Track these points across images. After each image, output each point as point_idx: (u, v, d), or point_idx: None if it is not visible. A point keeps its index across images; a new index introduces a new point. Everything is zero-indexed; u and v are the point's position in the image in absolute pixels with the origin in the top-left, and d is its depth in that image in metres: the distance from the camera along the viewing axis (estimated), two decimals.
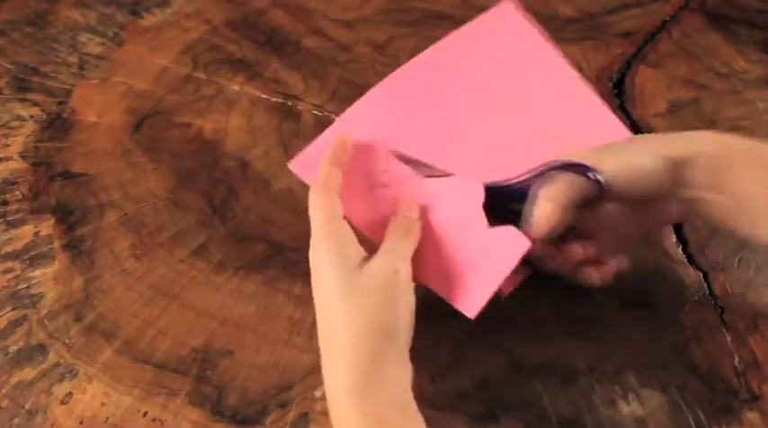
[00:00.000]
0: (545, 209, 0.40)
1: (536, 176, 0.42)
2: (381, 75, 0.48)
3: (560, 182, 0.41)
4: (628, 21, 0.76)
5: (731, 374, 0.44)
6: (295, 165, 0.47)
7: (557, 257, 0.44)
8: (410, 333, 0.39)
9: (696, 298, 0.48)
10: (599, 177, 0.40)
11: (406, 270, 0.40)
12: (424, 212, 0.44)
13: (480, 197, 0.43)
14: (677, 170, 0.40)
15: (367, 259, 0.40)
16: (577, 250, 0.44)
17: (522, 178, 0.43)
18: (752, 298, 0.48)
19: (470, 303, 0.41)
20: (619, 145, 0.43)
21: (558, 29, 0.75)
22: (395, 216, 0.43)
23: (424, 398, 0.43)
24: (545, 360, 0.45)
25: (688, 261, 0.51)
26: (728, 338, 0.46)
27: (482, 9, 0.78)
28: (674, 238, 0.52)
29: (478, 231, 0.42)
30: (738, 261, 0.50)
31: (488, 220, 0.43)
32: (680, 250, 0.51)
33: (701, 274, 0.50)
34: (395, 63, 0.47)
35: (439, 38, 0.47)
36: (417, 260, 0.41)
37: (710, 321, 0.47)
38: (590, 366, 0.45)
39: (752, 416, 0.42)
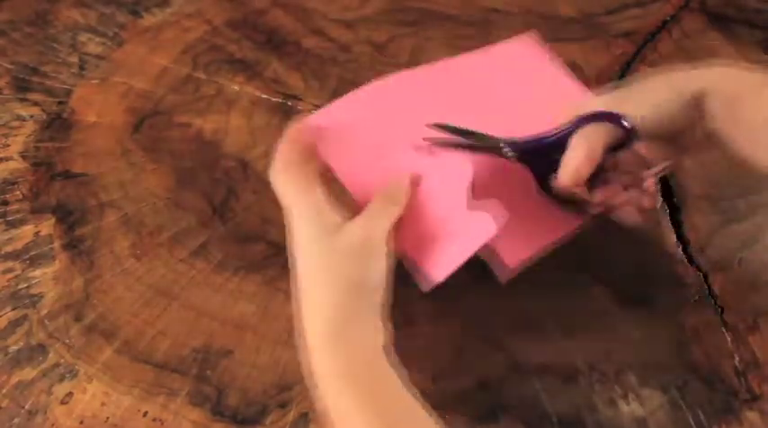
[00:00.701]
0: (573, 151, 0.43)
1: (571, 128, 0.44)
2: (381, 75, 0.48)
3: (590, 128, 0.43)
4: (628, 21, 0.76)
5: (731, 374, 0.44)
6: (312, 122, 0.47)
7: (597, 197, 0.45)
8: (385, 292, 0.40)
9: (696, 298, 0.48)
10: (629, 123, 0.42)
11: (383, 231, 0.41)
12: (414, 184, 0.45)
13: (468, 177, 0.44)
14: (697, 105, 0.42)
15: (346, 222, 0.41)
16: (617, 187, 0.45)
17: (559, 132, 0.44)
18: (752, 298, 0.48)
19: (435, 271, 0.42)
20: (637, 87, 0.45)
21: (558, 29, 0.75)
22: (386, 183, 0.44)
23: (425, 398, 0.43)
24: (545, 360, 0.45)
25: (688, 261, 0.51)
26: (728, 338, 0.46)
27: (481, 9, 0.78)
28: (674, 238, 0.52)
29: (459, 209, 0.43)
30: (738, 261, 0.50)
31: (533, 173, 0.45)
32: (680, 250, 0.51)
33: (701, 274, 0.50)
34: (395, 63, 0.47)
35: (438, 37, 0.47)
36: (399, 229, 0.42)
37: (710, 321, 0.47)
38: (590, 366, 0.45)
39: (752, 416, 0.42)
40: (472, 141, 0.46)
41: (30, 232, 0.54)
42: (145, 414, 0.42)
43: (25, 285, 0.50)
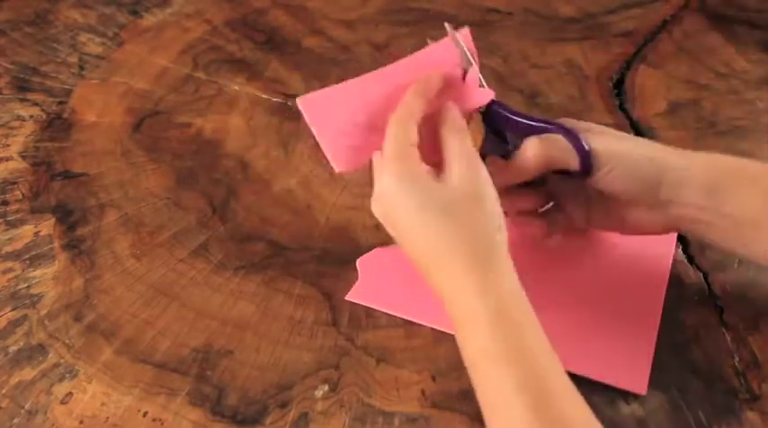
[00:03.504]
0: (530, 149, 0.43)
1: (542, 126, 0.44)
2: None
3: (552, 138, 0.43)
4: (628, 21, 0.76)
5: (731, 374, 0.44)
6: (304, 102, 0.45)
7: (512, 197, 0.46)
8: (505, 230, 0.40)
9: (696, 298, 0.48)
10: (590, 151, 0.42)
11: (486, 175, 0.40)
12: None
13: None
14: (669, 184, 0.41)
15: (438, 173, 0.40)
16: (529, 197, 0.47)
17: (529, 120, 0.44)
18: (752, 298, 0.48)
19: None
20: (620, 136, 0.45)
21: (558, 29, 0.75)
22: (443, 121, 0.42)
23: (425, 398, 0.43)
24: None
25: (688, 261, 0.51)
26: (728, 338, 0.46)
27: (481, 9, 0.78)
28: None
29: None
30: (738, 261, 0.50)
31: (486, 134, 0.46)
32: (680, 250, 0.51)
33: (701, 274, 0.50)
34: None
35: (438, 37, 0.47)
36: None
37: (710, 321, 0.47)
38: None
39: (752, 416, 0.42)
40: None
41: (30, 232, 0.54)
42: (145, 414, 0.42)
43: (25, 285, 0.50)
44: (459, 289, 0.37)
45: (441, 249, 0.38)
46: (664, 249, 0.50)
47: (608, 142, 0.43)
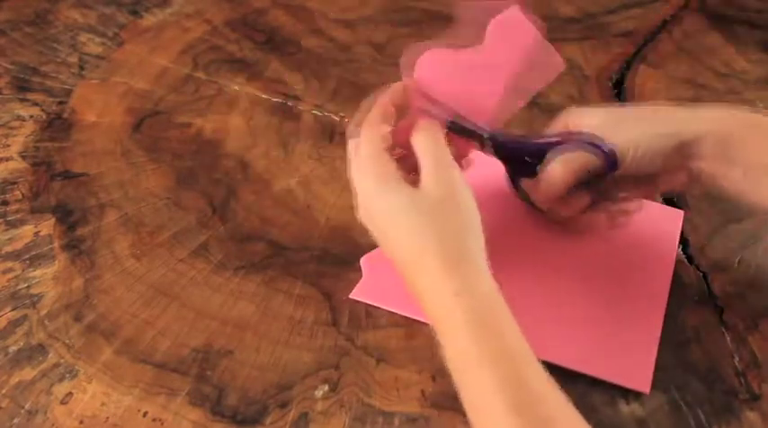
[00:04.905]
0: (555, 171, 0.45)
1: (556, 142, 0.45)
2: (381, 75, 0.48)
3: (575, 152, 0.44)
4: (628, 21, 0.76)
5: (731, 374, 0.44)
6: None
7: (565, 205, 0.48)
8: (481, 229, 0.40)
9: (696, 298, 0.48)
10: (612, 150, 0.43)
11: (458, 172, 0.41)
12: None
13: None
14: (686, 146, 0.43)
15: (412, 180, 0.41)
16: (584, 197, 0.48)
17: (544, 140, 0.46)
18: (752, 298, 0.48)
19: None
20: (629, 117, 0.46)
21: (558, 29, 0.75)
22: (416, 132, 0.43)
23: (425, 398, 0.43)
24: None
25: (688, 261, 0.51)
26: (728, 338, 0.46)
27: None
28: None
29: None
30: (738, 261, 0.50)
31: (507, 170, 0.49)
32: (680, 250, 0.51)
33: (701, 274, 0.50)
34: (395, 63, 0.47)
35: (438, 37, 0.47)
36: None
37: (710, 321, 0.47)
38: None
39: (752, 416, 0.42)
40: (457, 122, 0.45)
41: (30, 232, 0.54)
42: (145, 414, 0.42)
43: (25, 285, 0.50)
44: (436, 291, 0.38)
45: (415, 250, 0.39)
46: (667, 248, 0.50)
47: (623, 132, 0.44)
